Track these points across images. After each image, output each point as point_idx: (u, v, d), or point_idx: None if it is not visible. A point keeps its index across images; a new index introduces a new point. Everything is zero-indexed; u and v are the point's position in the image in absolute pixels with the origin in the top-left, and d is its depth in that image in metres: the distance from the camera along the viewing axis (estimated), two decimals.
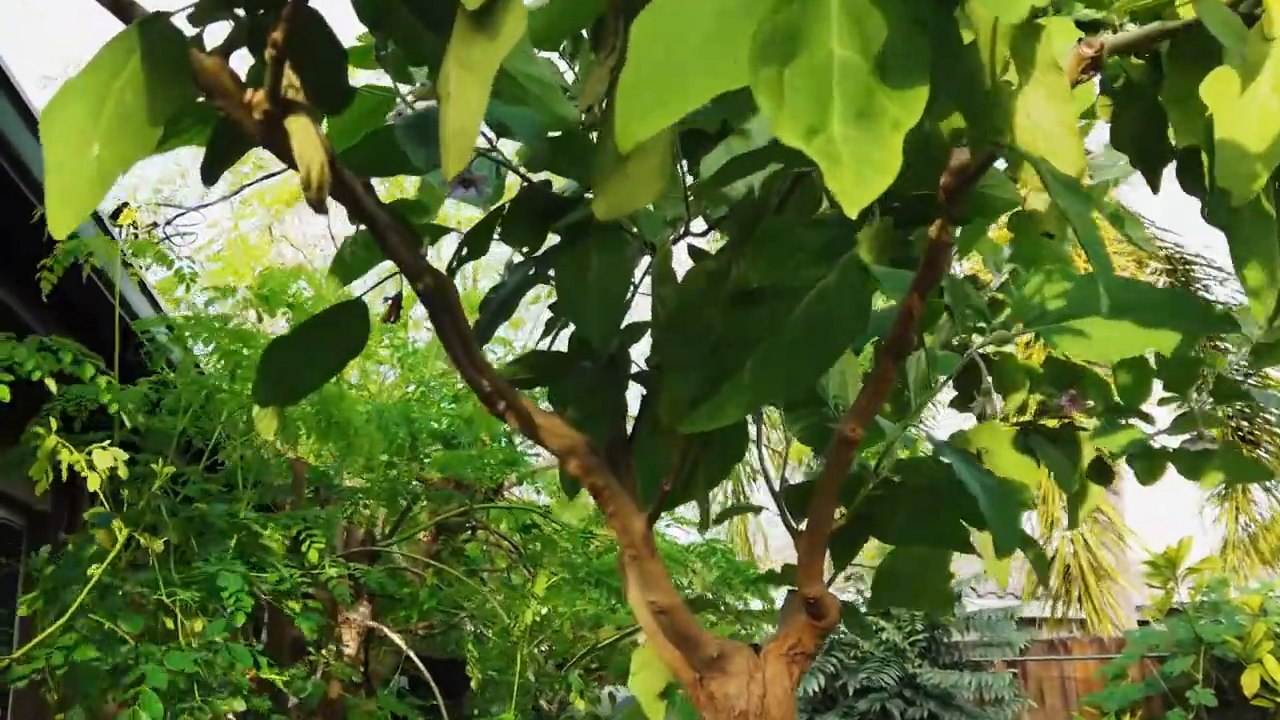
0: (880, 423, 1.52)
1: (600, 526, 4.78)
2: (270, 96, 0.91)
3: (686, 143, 1.33)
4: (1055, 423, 1.84)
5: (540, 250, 1.41)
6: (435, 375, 4.70)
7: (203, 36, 1.03)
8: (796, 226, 1.03)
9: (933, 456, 1.51)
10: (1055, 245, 1.70)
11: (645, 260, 1.40)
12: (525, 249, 1.43)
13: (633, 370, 1.42)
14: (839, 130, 0.63)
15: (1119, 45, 1.04)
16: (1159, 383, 1.80)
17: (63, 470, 2.52)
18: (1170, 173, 1.36)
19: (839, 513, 1.37)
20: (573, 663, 4.82)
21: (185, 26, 1.02)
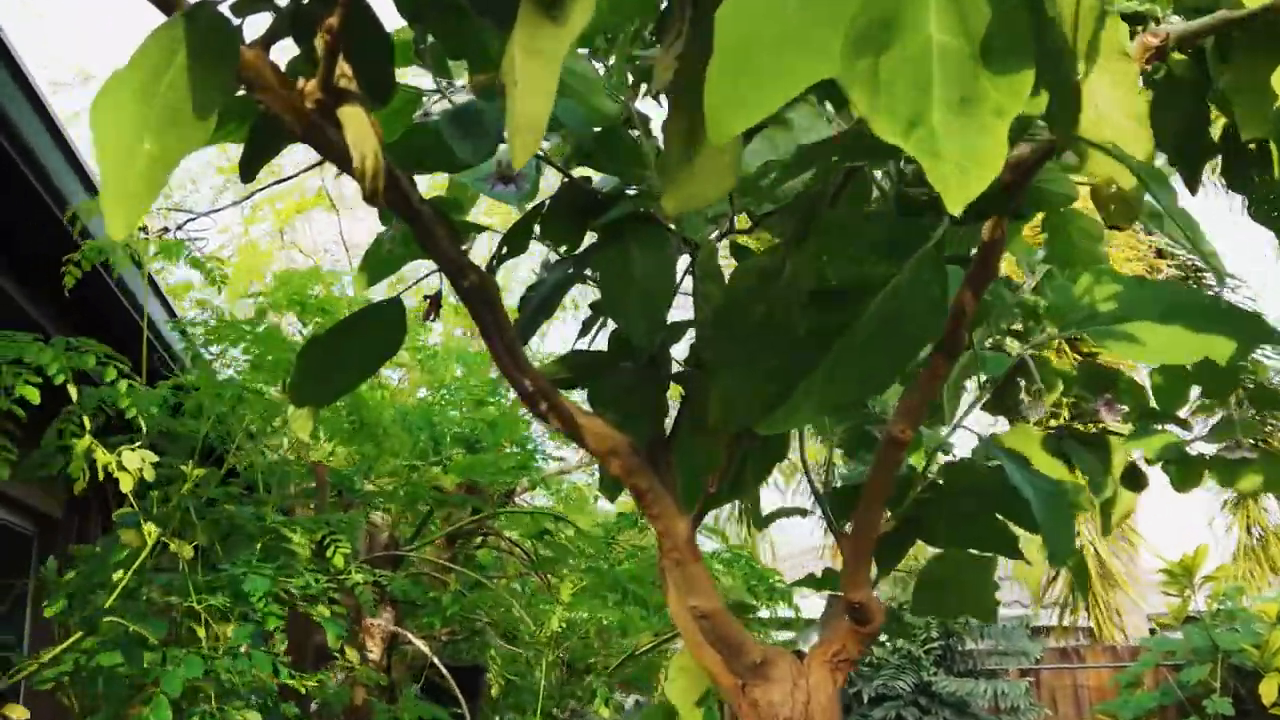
0: None
1: (620, 533, 4.74)
2: (323, 86, 0.89)
3: None
4: (1086, 427, 1.81)
5: (579, 248, 1.39)
6: (453, 378, 4.68)
7: (242, 29, 1.01)
8: (861, 220, 1.00)
9: (976, 460, 1.48)
10: (1090, 246, 1.67)
11: (684, 259, 1.38)
12: (564, 247, 1.41)
13: (673, 370, 1.40)
14: (939, 120, 0.61)
15: (1184, 35, 1.01)
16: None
17: (98, 471, 2.50)
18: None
19: (885, 516, 1.34)
20: (612, 670, 4.77)
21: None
